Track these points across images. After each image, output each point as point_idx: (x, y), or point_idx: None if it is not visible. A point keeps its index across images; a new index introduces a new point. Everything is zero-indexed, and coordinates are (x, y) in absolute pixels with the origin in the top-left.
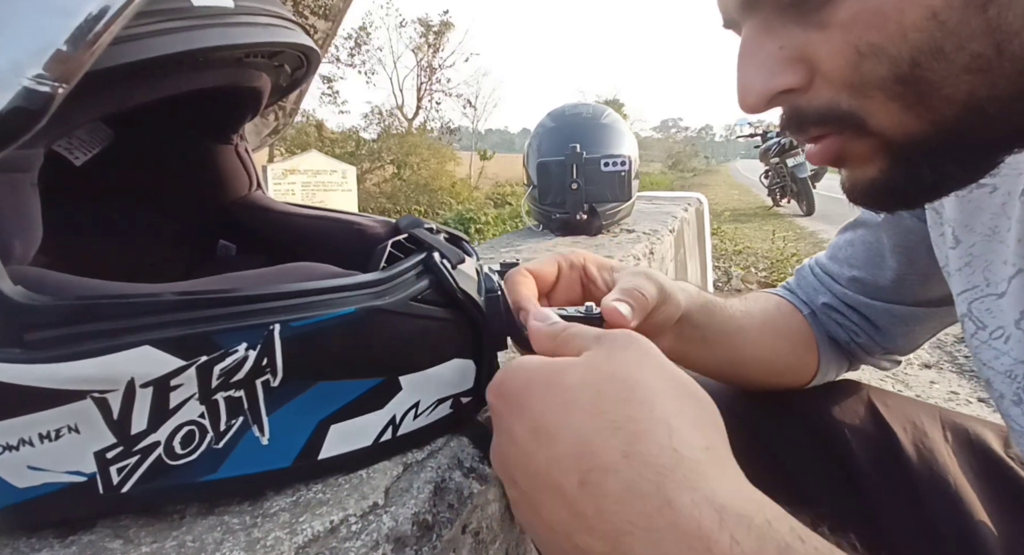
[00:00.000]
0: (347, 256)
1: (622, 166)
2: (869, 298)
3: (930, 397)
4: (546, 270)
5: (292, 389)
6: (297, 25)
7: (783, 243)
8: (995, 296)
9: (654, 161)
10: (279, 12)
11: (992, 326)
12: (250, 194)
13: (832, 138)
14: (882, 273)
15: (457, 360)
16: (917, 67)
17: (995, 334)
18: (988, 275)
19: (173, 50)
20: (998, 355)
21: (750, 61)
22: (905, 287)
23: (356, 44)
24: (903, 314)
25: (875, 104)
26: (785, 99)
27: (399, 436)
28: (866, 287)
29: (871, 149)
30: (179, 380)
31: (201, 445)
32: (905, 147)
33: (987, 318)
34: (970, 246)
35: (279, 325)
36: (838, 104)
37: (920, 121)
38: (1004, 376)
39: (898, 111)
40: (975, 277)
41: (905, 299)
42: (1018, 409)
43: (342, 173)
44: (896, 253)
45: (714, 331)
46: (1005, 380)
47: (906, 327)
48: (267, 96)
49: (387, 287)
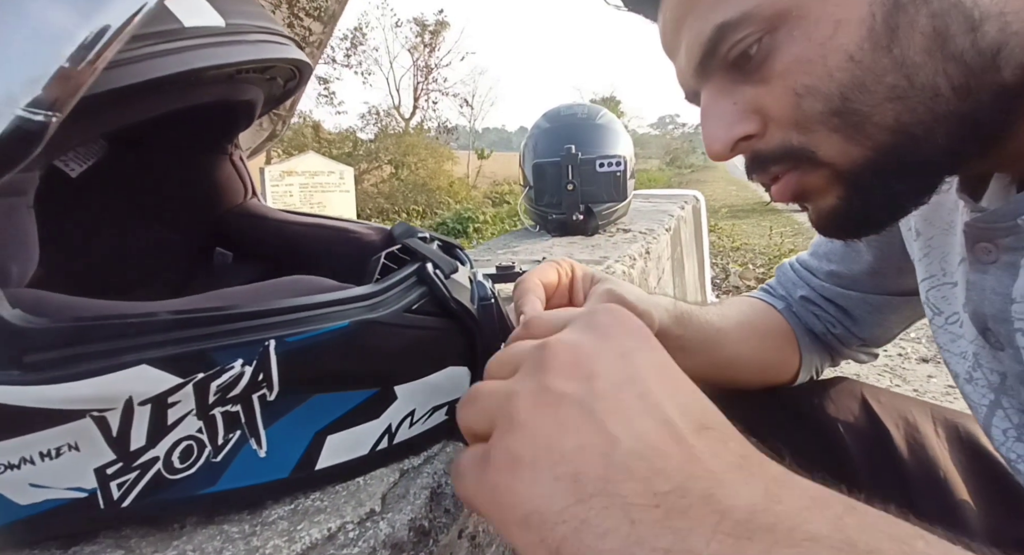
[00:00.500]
0: (342, 264)
1: (617, 166)
2: (845, 289)
3: (928, 391)
4: (550, 278)
5: (288, 402)
6: (289, 39)
7: (780, 239)
8: (950, 285)
9: (652, 158)
10: (270, 27)
11: (948, 312)
12: (245, 202)
13: (791, 174)
14: (858, 265)
15: (452, 368)
16: (847, 100)
17: (951, 319)
18: (944, 265)
19: (167, 72)
20: (953, 338)
21: (712, 118)
22: (880, 278)
23: (352, 44)
24: (878, 303)
25: (820, 137)
26: (745, 146)
27: (395, 444)
28: (843, 279)
29: (826, 179)
30: (176, 397)
31: (199, 459)
32: (854, 173)
33: (943, 305)
34: (929, 238)
35: (274, 341)
36: (790, 142)
37: (861, 148)
38: (959, 357)
39: (840, 141)
40: (933, 267)
41: (880, 289)
42: (970, 386)
43: (339, 174)
44: (872, 246)
45: (692, 339)
46: (959, 360)
47: (881, 315)
48: (260, 107)
49: (381, 299)
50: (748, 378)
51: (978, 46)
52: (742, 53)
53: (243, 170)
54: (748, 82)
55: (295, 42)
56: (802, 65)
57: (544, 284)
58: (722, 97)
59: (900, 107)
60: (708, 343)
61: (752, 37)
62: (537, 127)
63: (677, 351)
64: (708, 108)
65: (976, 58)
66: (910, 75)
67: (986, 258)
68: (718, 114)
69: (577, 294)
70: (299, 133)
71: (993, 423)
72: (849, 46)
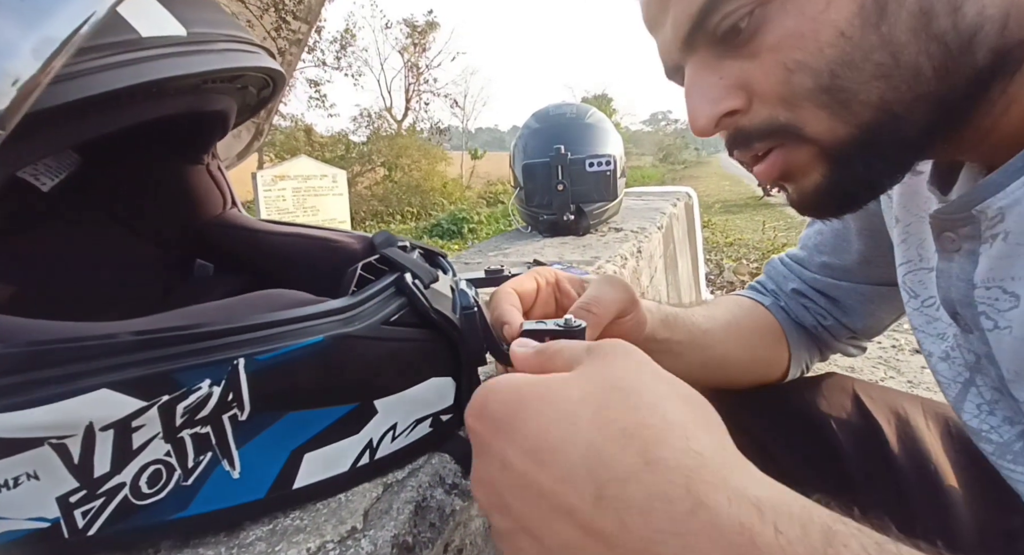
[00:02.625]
0: (324, 274)
1: (607, 166)
2: (837, 280)
3: (921, 382)
4: (527, 287)
5: (262, 421)
6: (259, 47)
7: (774, 233)
8: (927, 270)
9: (645, 154)
10: (238, 35)
11: (924, 295)
12: (225, 213)
13: (776, 152)
14: (849, 255)
15: (434, 379)
16: (836, 77)
17: (927, 302)
18: (921, 251)
19: (121, 84)
20: (929, 320)
21: (696, 93)
22: (870, 268)
23: (342, 46)
24: (869, 293)
25: (807, 113)
26: (730, 121)
27: (377, 459)
28: (834, 270)
29: (811, 156)
30: (141, 421)
31: (169, 483)
32: (838, 149)
33: (919, 288)
34: (907, 225)
35: (244, 359)
36: (776, 118)
37: (846, 125)
38: (935, 337)
39: (827, 118)
40: (910, 252)
41: (870, 279)
42: (945, 364)
43: (332, 177)
44: (861, 235)
45: (678, 341)
46: (936, 340)
47: (872, 306)
48: (234, 117)
49: (357, 312)
50: (738, 377)
51: (958, 27)
52: (732, 26)
53: (222, 180)
54: (735, 57)
55: (266, 50)
56: (794, 39)
57: (520, 293)
58: (707, 72)
59: (885, 85)
60: (696, 345)
61: (744, 9)
62: (527, 127)
63: (665, 354)
64: (693, 83)
65: (956, 40)
66: (896, 54)
67: (950, 247)
68: (703, 89)
69: (569, 297)
70: (291, 137)
71: (967, 398)
72: (840, 22)
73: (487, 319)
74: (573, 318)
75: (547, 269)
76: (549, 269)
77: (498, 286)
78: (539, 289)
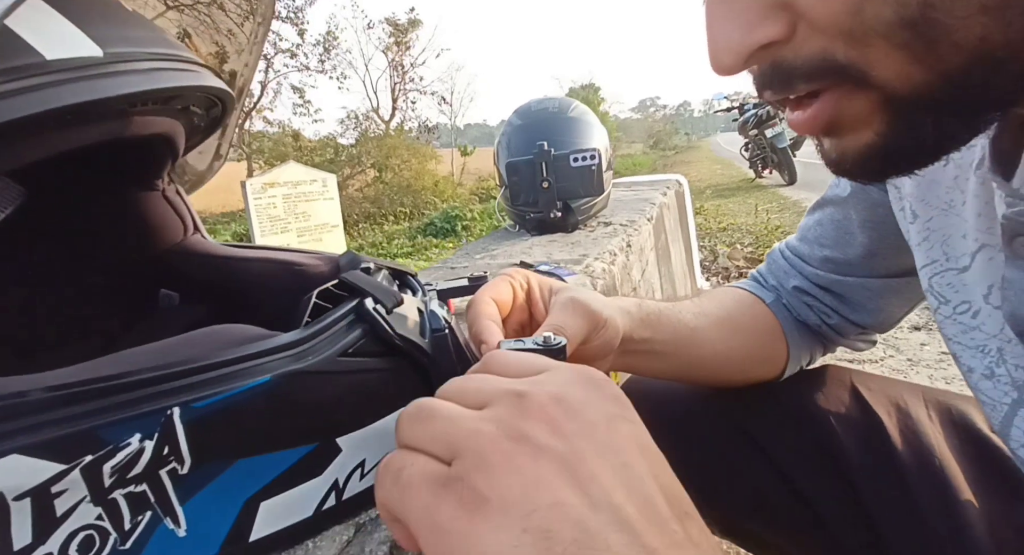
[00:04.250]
0: (289, 300)
1: (592, 160)
2: (841, 275)
3: (921, 359)
4: (504, 295)
5: (207, 472)
6: (199, 65)
7: (767, 216)
8: (956, 270)
9: (635, 142)
10: (168, 53)
11: (955, 301)
12: (186, 240)
13: (825, 98)
14: (852, 249)
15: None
16: (929, 8)
17: (959, 308)
18: (947, 249)
19: (19, 114)
20: (965, 330)
21: (723, 12)
22: (877, 261)
23: (325, 49)
24: (877, 287)
25: (877, 53)
26: (766, 54)
27: (346, 500)
28: (838, 265)
29: (870, 106)
30: (62, 485)
31: (104, 548)
32: (908, 102)
33: (949, 292)
34: (927, 220)
35: (178, 408)
36: (832, 54)
37: (927, 71)
38: (975, 350)
39: (903, 61)
40: (934, 251)
41: (877, 272)
42: (989, 383)
43: (323, 182)
44: (865, 227)
45: (661, 341)
46: (976, 354)
47: (882, 300)
48: (182, 139)
49: (310, 346)
50: (728, 376)
51: None
52: None
53: (181, 205)
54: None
55: (207, 68)
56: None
57: (498, 302)
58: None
59: (991, 22)
60: (681, 344)
61: None
62: (509, 124)
63: (645, 354)
64: (718, 2)
65: None
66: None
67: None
68: (734, 10)
69: (537, 305)
70: (279, 143)
71: (1015, 423)
72: None
73: (460, 340)
74: (552, 335)
75: (520, 271)
76: (521, 271)
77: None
78: (515, 295)
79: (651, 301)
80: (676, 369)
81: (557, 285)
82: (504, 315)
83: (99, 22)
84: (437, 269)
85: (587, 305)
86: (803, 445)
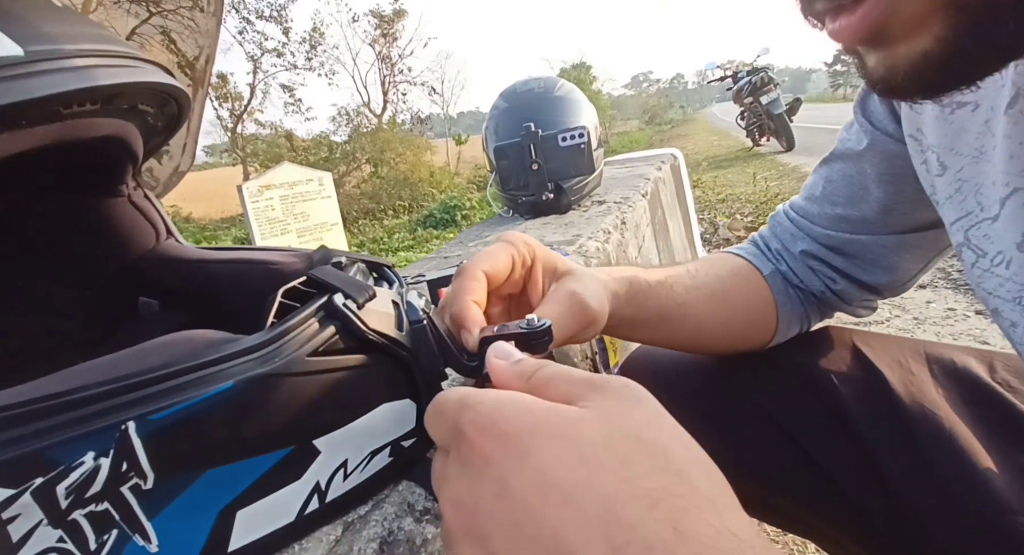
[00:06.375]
0: (266, 298)
1: (580, 139)
2: (855, 234)
3: (928, 317)
4: (500, 269)
5: (174, 485)
6: (142, 61)
7: (765, 184)
8: (990, 220)
9: (630, 119)
10: (104, 50)
11: (992, 252)
12: (159, 245)
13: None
14: (867, 205)
15: (388, 405)
16: None
17: (995, 260)
18: (980, 199)
19: None
20: (1002, 282)
21: None
22: (893, 216)
23: (311, 46)
24: (892, 244)
25: None
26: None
27: (330, 501)
28: (851, 223)
29: (929, 4)
30: (13, 510)
31: None
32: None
33: (986, 244)
34: (957, 171)
35: (134, 422)
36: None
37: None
38: (1014, 303)
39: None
40: (968, 203)
41: (893, 228)
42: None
43: (319, 181)
44: (882, 182)
45: (643, 319)
46: (1016, 308)
47: (897, 257)
48: (139, 141)
49: (276, 347)
50: (711, 345)
51: None
52: None
53: (150, 209)
54: None
55: (155, 64)
56: None
57: (490, 275)
58: None
59: None
60: (665, 319)
61: None
62: (495, 108)
63: (626, 327)
64: None
65: None
66: None
67: None
68: None
69: (535, 285)
70: (273, 145)
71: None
72: None
73: (442, 328)
74: (536, 318)
75: (527, 242)
76: (528, 242)
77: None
78: (513, 269)
79: (645, 275)
80: (659, 340)
81: (563, 268)
82: (495, 287)
83: (18, 21)
84: (431, 259)
85: (585, 304)
86: (805, 407)
